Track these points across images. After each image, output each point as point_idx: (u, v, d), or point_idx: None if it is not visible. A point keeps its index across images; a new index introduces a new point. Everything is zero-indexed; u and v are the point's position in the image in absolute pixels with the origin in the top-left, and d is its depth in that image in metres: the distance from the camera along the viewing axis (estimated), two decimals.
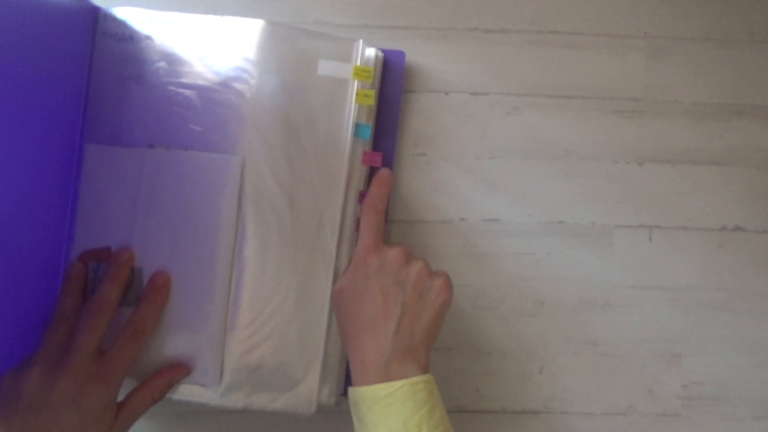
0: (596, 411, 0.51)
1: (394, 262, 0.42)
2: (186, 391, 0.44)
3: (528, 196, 0.51)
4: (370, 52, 0.47)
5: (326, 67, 0.46)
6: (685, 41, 0.53)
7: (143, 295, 0.43)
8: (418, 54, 0.52)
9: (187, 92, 0.45)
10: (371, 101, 0.46)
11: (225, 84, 0.44)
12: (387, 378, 0.39)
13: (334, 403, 0.46)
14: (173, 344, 0.44)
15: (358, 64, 0.46)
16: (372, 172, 0.49)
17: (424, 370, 0.40)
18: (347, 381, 0.49)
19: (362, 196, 0.47)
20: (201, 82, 0.45)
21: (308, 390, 0.45)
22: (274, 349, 0.44)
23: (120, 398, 0.42)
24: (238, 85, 0.44)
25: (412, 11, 0.52)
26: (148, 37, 0.45)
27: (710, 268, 0.52)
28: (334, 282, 0.46)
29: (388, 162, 0.50)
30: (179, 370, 0.44)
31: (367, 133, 0.47)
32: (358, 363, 0.41)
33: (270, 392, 0.45)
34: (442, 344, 0.50)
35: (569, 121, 0.52)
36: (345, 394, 0.49)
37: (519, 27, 0.52)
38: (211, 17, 0.45)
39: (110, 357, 0.41)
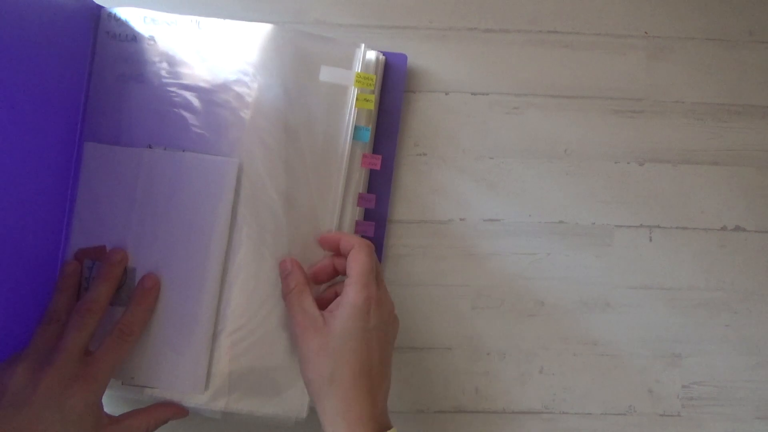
0: (596, 411, 0.51)
1: (389, 317, 0.42)
2: (175, 394, 0.44)
3: (528, 196, 0.51)
4: (371, 55, 0.47)
5: (328, 74, 0.45)
6: (685, 41, 0.53)
7: (132, 297, 0.43)
8: (418, 54, 0.51)
9: (188, 94, 0.45)
10: (371, 105, 0.46)
11: (225, 87, 0.44)
12: (382, 428, 0.39)
13: None
14: (161, 347, 0.44)
15: (360, 70, 0.46)
16: (372, 174, 0.49)
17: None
18: None
19: (361, 198, 0.47)
20: (202, 84, 0.45)
21: (298, 395, 0.44)
22: (264, 353, 0.44)
23: (106, 398, 0.41)
24: (238, 89, 0.44)
25: (412, 11, 0.52)
26: (150, 38, 0.45)
27: (710, 268, 0.52)
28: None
29: (389, 163, 0.50)
30: (180, 411, 0.43)
31: (366, 135, 0.47)
32: (354, 410, 0.39)
33: (259, 397, 0.44)
34: (442, 344, 0.50)
35: (569, 121, 0.52)
36: None
37: (519, 27, 0.52)
38: (213, 20, 0.45)
39: (96, 358, 0.41)
